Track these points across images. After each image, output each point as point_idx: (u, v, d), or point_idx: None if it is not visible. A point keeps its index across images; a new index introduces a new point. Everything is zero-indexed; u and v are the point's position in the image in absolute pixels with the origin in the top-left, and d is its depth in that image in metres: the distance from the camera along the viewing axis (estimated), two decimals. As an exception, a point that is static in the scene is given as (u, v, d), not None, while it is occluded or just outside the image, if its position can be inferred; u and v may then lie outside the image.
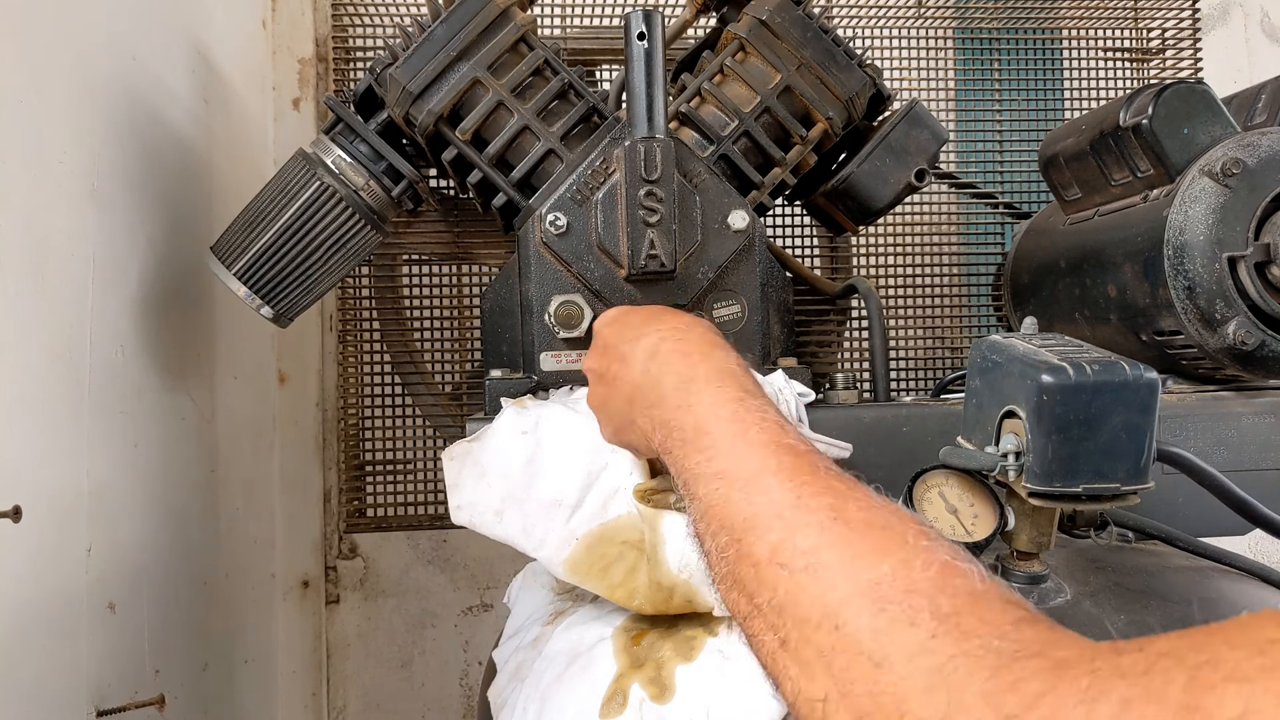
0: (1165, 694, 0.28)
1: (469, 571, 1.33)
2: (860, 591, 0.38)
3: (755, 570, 0.43)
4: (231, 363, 1.13)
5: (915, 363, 1.30)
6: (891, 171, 0.88)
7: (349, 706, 1.32)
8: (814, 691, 0.38)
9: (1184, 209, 0.75)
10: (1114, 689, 0.30)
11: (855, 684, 0.36)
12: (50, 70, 0.76)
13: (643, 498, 0.62)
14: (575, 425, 0.66)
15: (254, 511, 1.21)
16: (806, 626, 0.39)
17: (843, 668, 0.37)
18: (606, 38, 1.22)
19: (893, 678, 0.35)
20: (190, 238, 1.02)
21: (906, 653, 0.35)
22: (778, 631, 0.41)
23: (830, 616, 0.38)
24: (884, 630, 0.37)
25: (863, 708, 0.36)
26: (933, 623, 0.36)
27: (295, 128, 1.28)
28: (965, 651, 0.34)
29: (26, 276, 0.71)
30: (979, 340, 0.60)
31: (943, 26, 1.32)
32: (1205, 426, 0.77)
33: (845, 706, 0.36)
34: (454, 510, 0.65)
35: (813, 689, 0.38)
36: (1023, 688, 0.32)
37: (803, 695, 0.39)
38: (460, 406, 1.22)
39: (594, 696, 0.56)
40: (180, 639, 0.97)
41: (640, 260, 0.75)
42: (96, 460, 0.80)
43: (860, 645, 0.37)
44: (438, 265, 1.22)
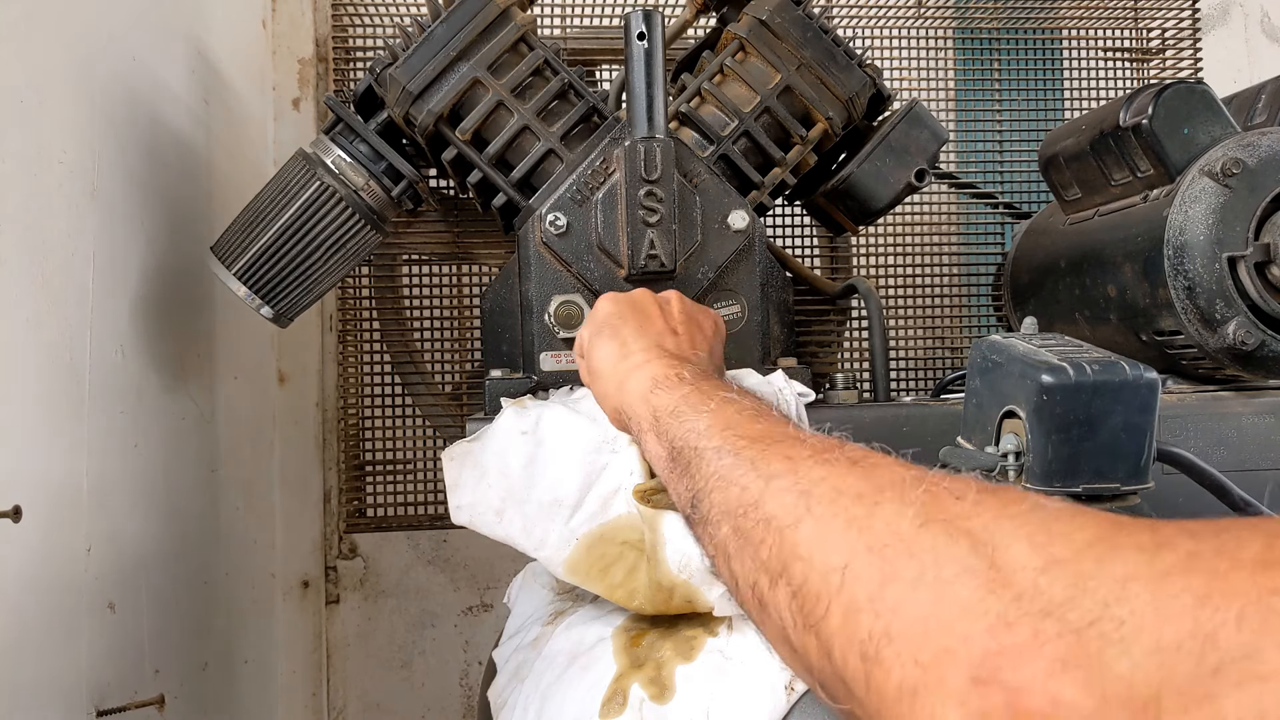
0: (1239, 553, 0.25)
1: (469, 571, 1.33)
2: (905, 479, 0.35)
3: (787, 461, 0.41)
4: (231, 363, 1.13)
5: (915, 363, 1.30)
6: (891, 171, 0.88)
7: (349, 706, 1.32)
8: (833, 559, 0.34)
9: (1184, 209, 0.75)
10: (1179, 543, 0.26)
11: (890, 543, 0.33)
12: (50, 70, 0.76)
13: (643, 498, 0.62)
14: (575, 425, 0.66)
15: (254, 511, 1.21)
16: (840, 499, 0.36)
17: (878, 530, 0.33)
18: (606, 38, 1.22)
19: (934, 533, 0.32)
20: (190, 238, 1.02)
21: (952, 515, 0.32)
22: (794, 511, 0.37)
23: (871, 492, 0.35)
24: (929, 500, 0.33)
25: (894, 563, 0.32)
26: (979, 494, 0.33)
27: (295, 128, 1.28)
28: (1010, 513, 0.31)
29: (26, 276, 0.71)
30: (979, 340, 0.60)
31: (943, 26, 1.32)
32: (1205, 426, 0.77)
33: (871, 567, 0.32)
34: (454, 510, 0.65)
35: (832, 557, 0.34)
36: (1073, 535, 0.29)
37: (817, 570, 0.35)
38: (460, 406, 1.22)
39: (594, 696, 0.56)
40: (180, 639, 0.97)
41: (640, 260, 0.75)
42: (96, 460, 0.80)
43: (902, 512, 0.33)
44: (438, 265, 1.22)
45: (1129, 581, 0.26)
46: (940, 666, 0.29)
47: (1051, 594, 0.27)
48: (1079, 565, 0.28)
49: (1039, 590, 0.28)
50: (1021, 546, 0.29)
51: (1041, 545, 0.29)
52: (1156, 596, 0.25)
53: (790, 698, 0.51)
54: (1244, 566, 0.25)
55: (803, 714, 0.51)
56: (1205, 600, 0.24)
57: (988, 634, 0.28)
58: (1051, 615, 0.27)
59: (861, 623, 0.32)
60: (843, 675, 0.33)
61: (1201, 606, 0.24)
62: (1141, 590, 0.26)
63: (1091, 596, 0.26)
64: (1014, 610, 0.28)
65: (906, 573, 0.31)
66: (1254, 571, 0.24)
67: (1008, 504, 0.32)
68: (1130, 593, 0.26)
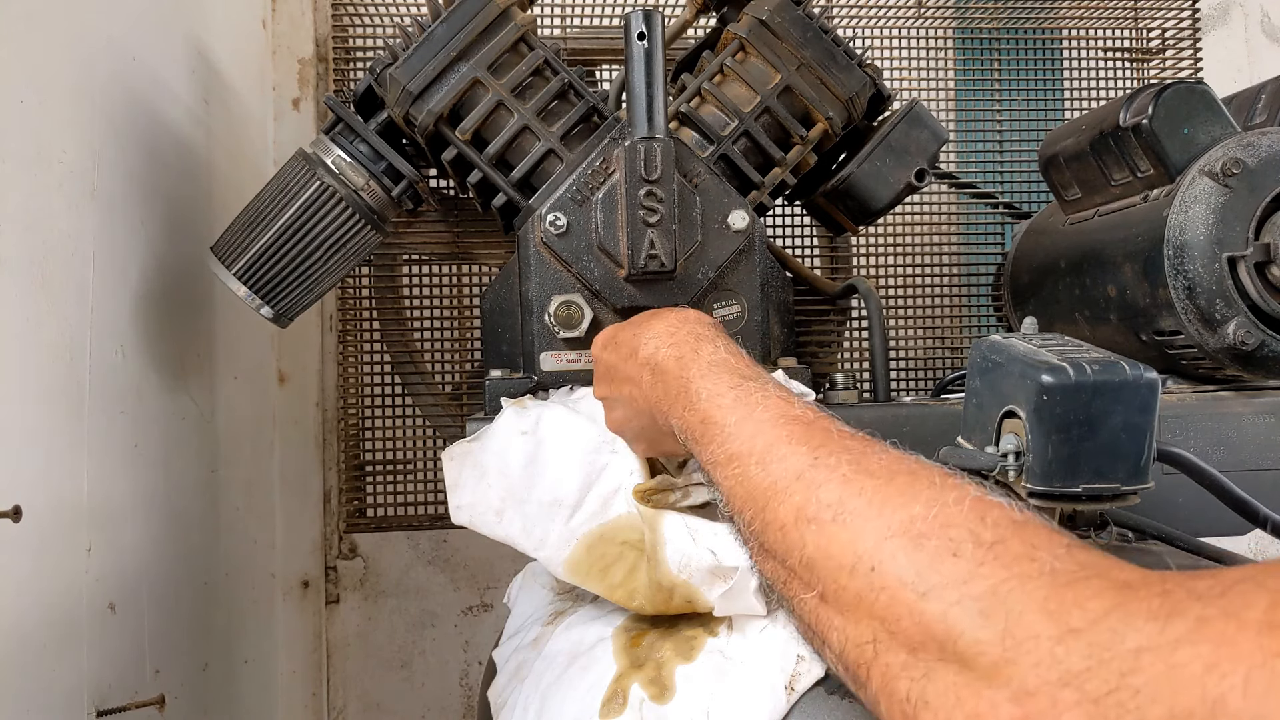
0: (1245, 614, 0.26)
1: (469, 571, 1.33)
2: (894, 531, 0.37)
3: (782, 533, 0.42)
4: (231, 363, 1.13)
5: (915, 363, 1.30)
6: (891, 171, 0.88)
7: (349, 706, 1.32)
8: (861, 635, 0.37)
9: (1184, 209, 0.75)
10: (1188, 608, 0.28)
11: (901, 619, 0.35)
12: (50, 70, 0.76)
13: (643, 498, 0.62)
14: (575, 425, 0.66)
15: (254, 511, 1.21)
16: (842, 574, 0.38)
17: (886, 605, 0.35)
18: (606, 38, 1.22)
19: (941, 606, 0.33)
20: (190, 238, 1.02)
21: (954, 581, 0.34)
22: (814, 587, 0.39)
23: (865, 559, 0.37)
24: (926, 564, 0.35)
25: (913, 639, 0.34)
26: (978, 551, 0.34)
27: (295, 128, 1.28)
28: (1018, 574, 0.32)
29: (27, 276, 0.71)
30: (979, 340, 0.60)
31: (943, 26, 1.32)
32: (1205, 426, 0.77)
33: (894, 642, 0.35)
34: (454, 510, 0.65)
35: (859, 632, 0.37)
36: (1088, 604, 0.30)
37: (850, 642, 0.37)
38: (460, 406, 1.22)
39: (594, 697, 0.56)
40: (180, 639, 0.97)
41: (640, 260, 0.75)
42: (96, 460, 0.80)
43: (901, 580, 0.35)
44: (438, 265, 1.22)
45: (1142, 653, 0.28)
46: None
47: (1069, 664, 0.29)
48: (1094, 635, 0.29)
49: (1056, 660, 0.29)
50: (1035, 615, 0.31)
51: (1055, 614, 0.31)
52: (1169, 667, 0.27)
53: (790, 698, 0.51)
54: (1249, 628, 0.26)
55: (803, 714, 0.51)
56: (1213, 667, 0.26)
57: (1012, 703, 0.30)
58: (1070, 685, 0.29)
59: (899, 688, 0.35)
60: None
61: (1209, 674, 0.26)
62: (1155, 661, 0.27)
63: (1108, 668, 0.28)
64: (1033, 679, 0.30)
65: (928, 647, 0.34)
66: (1259, 634, 0.26)
67: (1013, 564, 0.33)
68: (1144, 664, 0.27)
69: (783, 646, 0.53)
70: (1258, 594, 0.27)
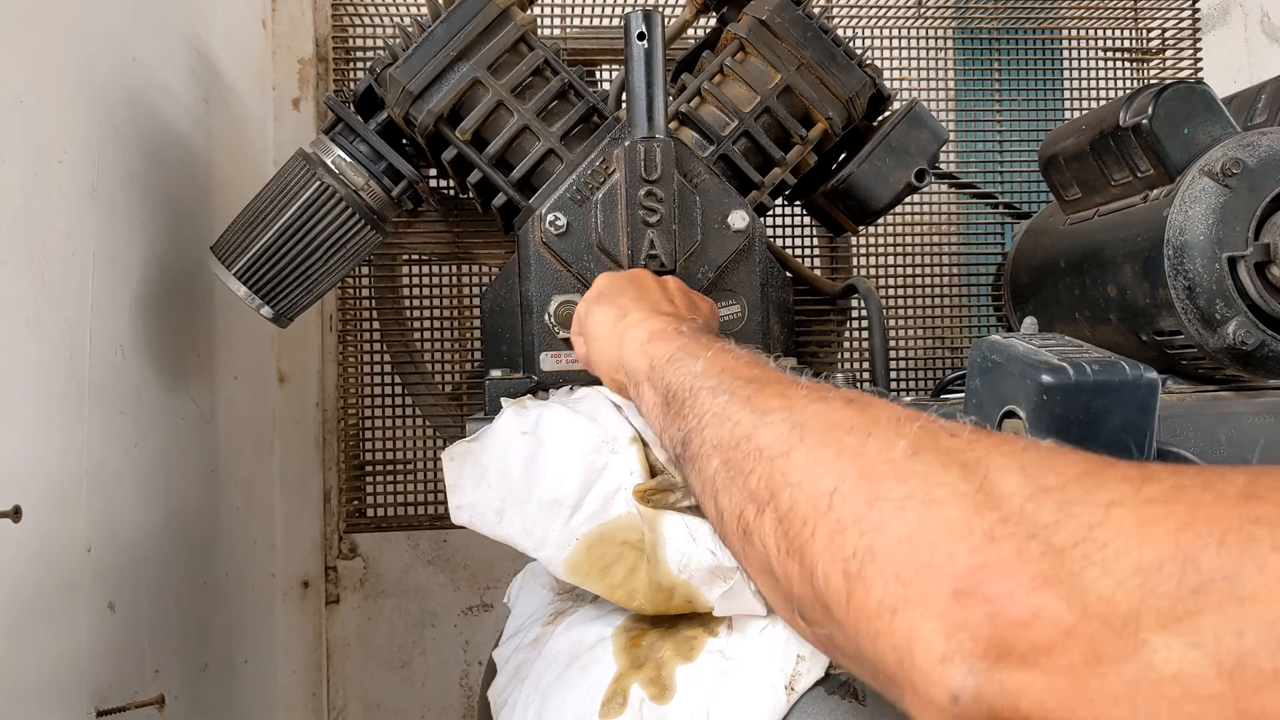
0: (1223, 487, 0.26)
1: (469, 571, 1.33)
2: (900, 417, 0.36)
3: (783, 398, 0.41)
4: (231, 363, 1.13)
5: (915, 363, 1.30)
6: (891, 171, 0.88)
7: (349, 706, 1.32)
8: (822, 484, 0.34)
9: (1184, 209, 0.75)
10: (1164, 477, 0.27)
11: (881, 467, 0.33)
12: (50, 70, 0.76)
13: (643, 498, 0.62)
14: (575, 425, 0.66)
15: (254, 511, 1.21)
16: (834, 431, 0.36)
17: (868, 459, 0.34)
18: (606, 38, 1.22)
19: (926, 459, 0.32)
20: (190, 238, 1.02)
21: (945, 446, 0.33)
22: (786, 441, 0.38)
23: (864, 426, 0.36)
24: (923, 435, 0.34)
25: (883, 485, 0.32)
26: (973, 433, 0.33)
27: (295, 128, 1.28)
28: (1006, 449, 0.31)
29: (26, 276, 0.71)
30: (979, 340, 0.60)
31: (943, 26, 1.32)
32: (1205, 426, 0.77)
33: (861, 490, 0.33)
34: (454, 510, 0.65)
35: (821, 482, 0.34)
36: (1063, 469, 0.29)
37: (805, 495, 0.35)
38: (460, 406, 1.22)
39: (594, 697, 0.56)
40: (180, 639, 0.97)
41: (640, 260, 0.75)
42: (96, 460, 0.80)
43: (894, 442, 0.34)
44: (438, 265, 1.22)
45: (1113, 507, 0.27)
46: (922, 582, 0.29)
47: (1037, 518, 0.28)
48: (1066, 493, 0.28)
49: (1025, 514, 0.28)
50: (1013, 476, 0.30)
51: (1033, 476, 0.29)
52: (1140, 521, 0.26)
53: (790, 698, 0.51)
54: (1227, 498, 0.25)
55: (803, 714, 0.51)
56: (1188, 526, 0.25)
57: (971, 551, 0.28)
58: (1036, 537, 0.27)
59: (846, 542, 0.32)
60: (824, 597, 0.33)
61: (1183, 531, 0.25)
62: (1125, 515, 0.26)
63: (1076, 520, 0.27)
64: (1000, 530, 0.28)
65: (895, 494, 0.32)
66: (1237, 502, 0.25)
67: (1002, 442, 0.32)
68: (1114, 516, 0.26)
69: (783, 646, 0.53)
70: (1236, 473, 0.26)
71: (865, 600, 0.31)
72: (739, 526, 0.40)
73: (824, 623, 0.34)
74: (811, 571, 0.34)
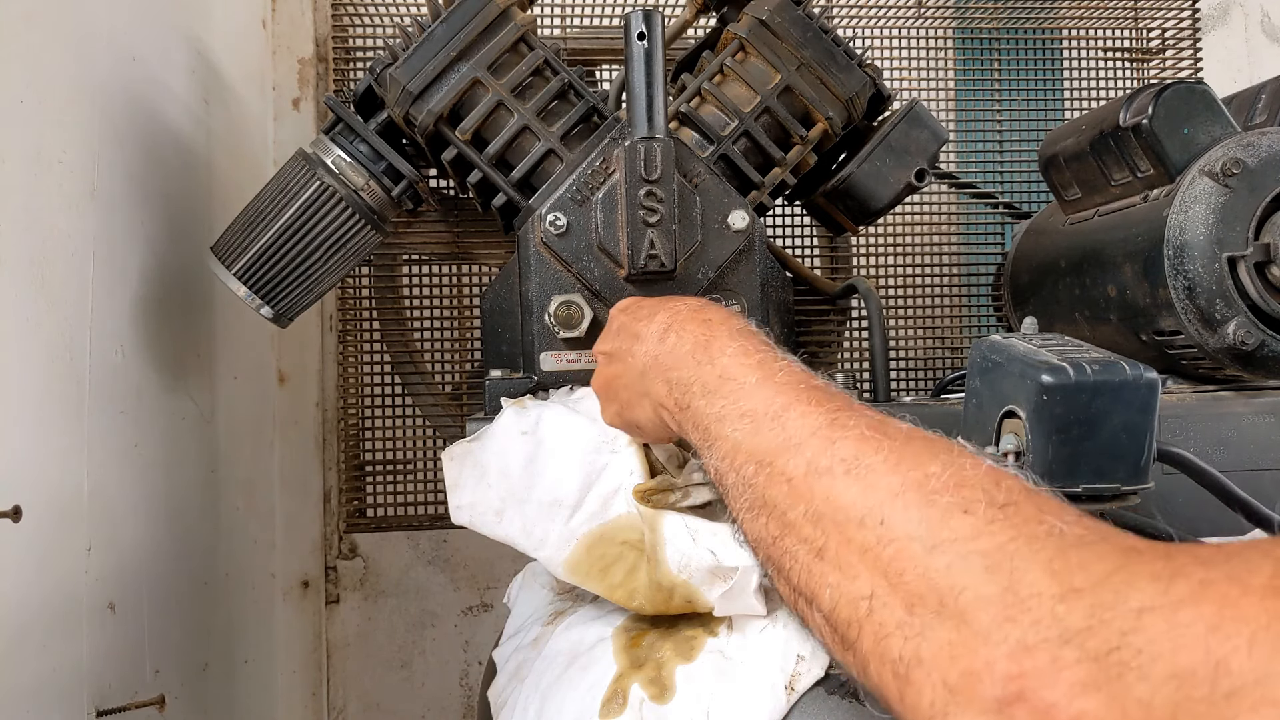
0: (1249, 579, 0.26)
1: (469, 571, 1.33)
2: (908, 487, 0.36)
3: (789, 486, 0.41)
4: (231, 363, 1.13)
5: (915, 363, 1.30)
6: (891, 171, 0.88)
7: (349, 706, 1.32)
8: (858, 590, 0.36)
9: (1184, 209, 0.75)
10: (1192, 572, 0.27)
11: (905, 572, 0.34)
12: (50, 70, 0.76)
13: (643, 498, 0.62)
14: (575, 425, 0.66)
15: (254, 511, 1.21)
16: (849, 526, 0.37)
17: (891, 558, 0.35)
18: (606, 38, 1.22)
19: (947, 560, 0.33)
20: (190, 238, 1.02)
21: (962, 536, 0.33)
22: (813, 542, 0.39)
23: (876, 511, 0.36)
24: (937, 519, 0.34)
25: (914, 592, 0.33)
26: (989, 510, 0.34)
27: (295, 128, 1.28)
28: (1026, 535, 0.32)
29: (26, 276, 0.71)
30: (979, 340, 0.60)
31: (943, 26, 1.32)
32: (1205, 426, 0.77)
33: (895, 597, 0.34)
34: (454, 510, 0.65)
35: (857, 587, 0.36)
36: (1091, 566, 0.30)
37: (844, 599, 0.36)
38: (460, 406, 1.22)
39: (594, 696, 0.56)
40: (180, 639, 0.97)
41: (640, 260, 0.75)
42: (96, 460, 0.80)
43: (910, 533, 0.35)
44: (438, 265, 1.22)
45: (1144, 613, 0.27)
46: (968, 689, 0.30)
47: (1069, 622, 0.29)
48: (1097, 596, 0.29)
49: (1056, 618, 0.29)
50: (1038, 573, 0.30)
51: (1059, 573, 0.30)
52: (1171, 626, 0.26)
53: (790, 698, 0.51)
54: (1254, 592, 0.26)
55: (803, 714, 0.51)
56: (1217, 628, 0.25)
57: (1009, 659, 0.29)
58: (1070, 643, 0.28)
59: (892, 646, 0.34)
60: (879, 690, 0.35)
61: (1213, 634, 0.25)
62: (1157, 620, 0.27)
63: (1109, 627, 0.28)
64: (1032, 635, 0.29)
65: (928, 601, 0.33)
66: (1264, 597, 0.25)
67: (1022, 526, 0.33)
68: (1146, 623, 0.27)
69: (783, 646, 0.53)
70: (1263, 561, 0.27)
71: (918, 702, 0.32)
72: (796, 608, 0.42)
73: (886, 709, 0.35)
74: (865, 668, 0.35)
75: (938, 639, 0.32)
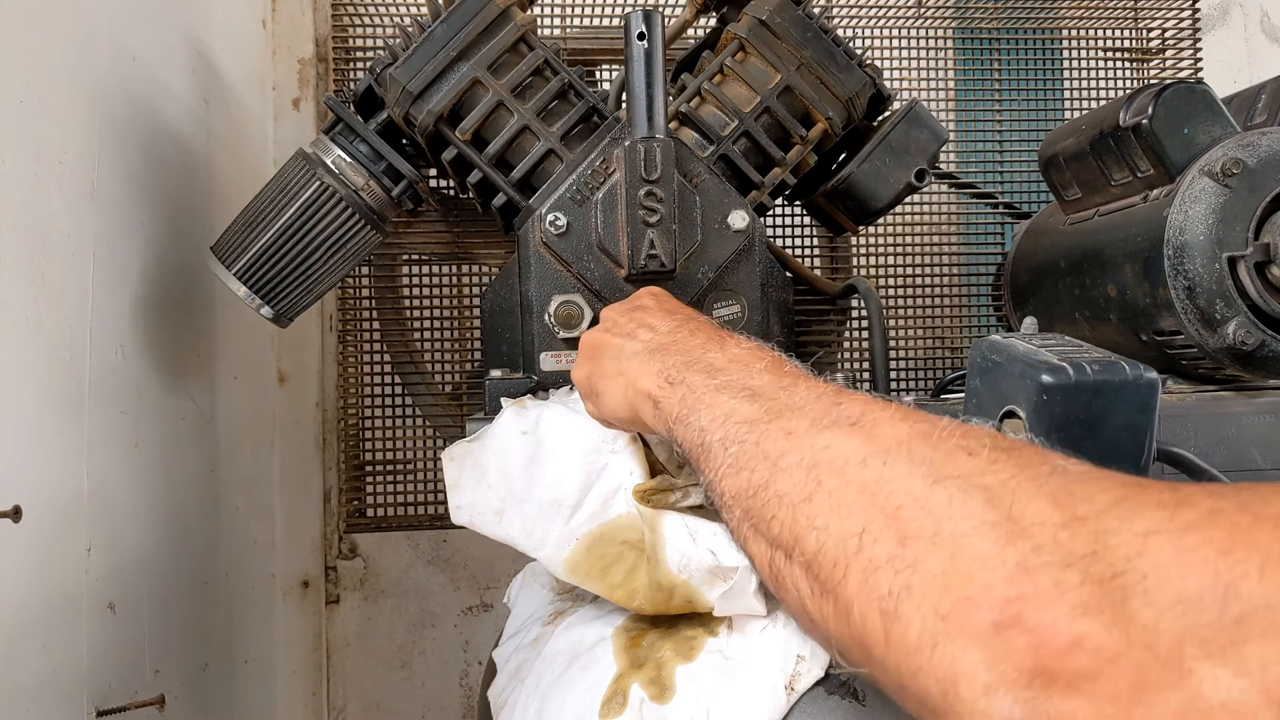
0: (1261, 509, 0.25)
1: (469, 571, 1.33)
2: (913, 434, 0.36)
3: (788, 437, 0.40)
4: (231, 363, 1.13)
5: (915, 363, 1.30)
6: (891, 171, 0.88)
7: (349, 706, 1.32)
8: (849, 527, 0.34)
9: (1184, 209, 0.75)
10: (1200, 501, 0.27)
11: (904, 506, 0.33)
12: (50, 70, 0.76)
13: (643, 498, 0.62)
14: (575, 425, 0.66)
15: (254, 511, 1.21)
16: (848, 467, 0.36)
17: (890, 493, 0.34)
18: (606, 38, 1.22)
19: (949, 490, 0.32)
20: (190, 238, 1.02)
21: (965, 473, 0.32)
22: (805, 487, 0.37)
23: (878, 454, 0.35)
24: (941, 459, 0.34)
25: (909, 522, 0.32)
26: (994, 452, 0.33)
27: (295, 128, 1.28)
28: (1030, 471, 0.31)
29: (26, 276, 0.71)
30: (979, 340, 0.60)
31: (943, 26, 1.32)
32: (1205, 426, 0.77)
33: (889, 531, 0.33)
34: (454, 510, 0.65)
35: (848, 525, 0.34)
36: (1095, 496, 0.29)
37: (833, 538, 0.35)
38: (460, 406, 1.22)
39: (594, 696, 0.56)
40: (180, 639, 0.97)
41: (640, 260, 0.75)
42: (96, 460, 0.80)
43: (913, 471, 0.34)
44: (438, 265, 1.22)
45: (1150, 536, 0.26)
46: (961, 615, 0.29)
47: (1073, 547, 0.28)
48: (1101, 522, 0.28)
49: (1059, 544, 0.28)
50: (1042, 503, 0.30)
51: (1063, 503, 0.29)
52: (1179, 549, 0.25)
53: (790, 698, 0.51)
54: (1266, 521, 0.25)
55: (803, 714, 0.51)
56: (1227, 552, 0.25)
57: (1007, 582, 0.28)
58: (1073, 566, 0.27)
59: (880, 581, 0.32)
60: (861, 636, 0.33)
61: (1223, 558, 0.25)
62: (1164, 544, 0.26)
63: (1114, 552, 0.27)
64: (1034, 559, 0.28)
65: (923, 530, 0.32)
66: (1277, 525, 0.24)
67: (1026, 464, 0.32)
68: (1152, 546, 0.26)
69: (783, 646, 0.53)
70: (1275, 493, 0.26)
71: (904, 636, 0.31)
72: (771, 573, 0.40)
73: (864, 662, 0.34)
74: (847, 612, 0.34)
75: (932, 567, 0.30)
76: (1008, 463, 0.32)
